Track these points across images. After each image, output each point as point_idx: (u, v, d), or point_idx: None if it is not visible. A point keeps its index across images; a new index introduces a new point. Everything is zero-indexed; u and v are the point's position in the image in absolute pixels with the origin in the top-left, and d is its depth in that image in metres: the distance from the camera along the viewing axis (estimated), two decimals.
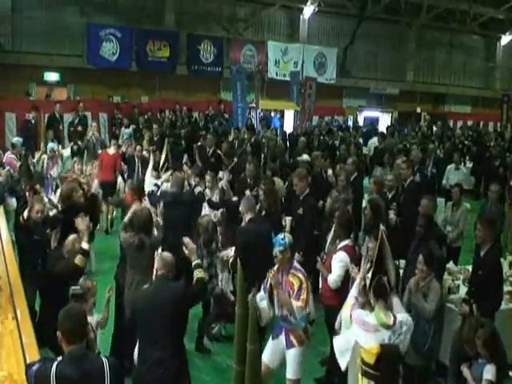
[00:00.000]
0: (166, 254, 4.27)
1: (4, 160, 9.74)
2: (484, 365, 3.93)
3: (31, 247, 5.70)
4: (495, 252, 5.28)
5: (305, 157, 10.59)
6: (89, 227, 5.12)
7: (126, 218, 5.75)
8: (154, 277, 4.35)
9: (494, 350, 3.90)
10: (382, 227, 4.35)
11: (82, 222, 5.04)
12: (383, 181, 7.79)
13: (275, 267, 4.64)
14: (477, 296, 4.98)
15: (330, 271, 5.16)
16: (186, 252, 4.38)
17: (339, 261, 5.09)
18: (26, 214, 5.74)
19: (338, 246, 5.28)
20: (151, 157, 8.64)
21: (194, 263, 4.26)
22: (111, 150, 10.57)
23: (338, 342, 4.14)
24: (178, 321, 3.99)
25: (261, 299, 4.57)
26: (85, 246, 4.84)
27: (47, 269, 4.95)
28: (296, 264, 4.65)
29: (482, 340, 3.90)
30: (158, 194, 7.05)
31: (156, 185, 7.23)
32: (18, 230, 6.08)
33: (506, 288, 5.59)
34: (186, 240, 4.47)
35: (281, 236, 4.64)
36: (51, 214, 6.39)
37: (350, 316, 3.95)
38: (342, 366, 4.06)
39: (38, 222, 5.70)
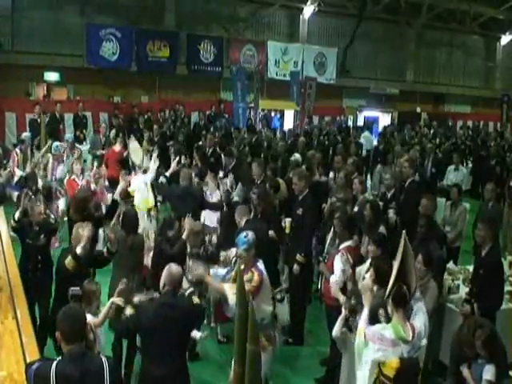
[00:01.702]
0: (175, 268, 4.13)
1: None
2: (483, 365, 3.93)
3: (23, 251, 5.61)
4: (496, 252, 5.29)
5: (297, 156, 10.63)
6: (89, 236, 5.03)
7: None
8: (161, 290, 4.14)
9: (493, 350, 3.90)
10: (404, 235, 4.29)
11: (86, 228, 5.00)
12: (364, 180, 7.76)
13: (241, 266, 4.54)
14: (478, 296, 4.99)
15: (331, 271, 5.16)
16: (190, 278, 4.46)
17: (341, 261, 5.11)
18: (17, 215, 5.55)
19: (340, 247, 5.29)
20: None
21: (187, 292, 4.35)
22: (117, 147, 10.66)
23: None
24: (183, 338, 3.99)
25: (215, 275, 4.66)
26: (78, 250, 4.78)
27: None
28: (259, 264, 4.58)
29: (481, 340, 3.90)
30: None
31: (165, 176, 7.60)
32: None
33: (506, 288, 5.60)
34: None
35: (243, 234, 4.57)
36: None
37: (364, 337, 3.79)
38: None
39: (32, 226, 5.55)
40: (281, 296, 4.89)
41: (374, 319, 3.87)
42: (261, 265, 4.59)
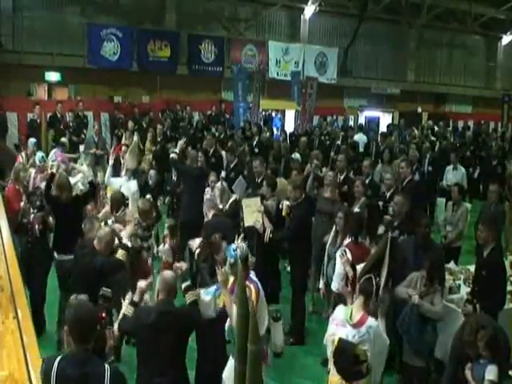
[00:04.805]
0: (168, 274, 4.06)
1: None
2: (485, 365, 3.92)
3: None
4: (498, 252, 5.30)
5: (297, 155, 10.67)
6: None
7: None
8: (156, 297, 4.11)
9: (496, 350, 3.89)
10: (389, 234, 4.35)
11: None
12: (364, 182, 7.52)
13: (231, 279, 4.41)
14: (480, 296, 5.00)
15: None
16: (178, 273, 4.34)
17: (341, 263, 5.20)
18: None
19: (343, 244, 5.36)
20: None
21: (183, 286, 4.17)
22: None
23: None
24: (181, 346, 3.96)
25: (206, 294, 4.43)
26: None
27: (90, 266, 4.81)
28: (252, 276, 4.41)
29: (484, 341, 3.87)
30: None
31: (175, 152, 7.88)
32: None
33: (508, 288, 5.59)
34: (177, 265, 4.48)
35: (233, 246, 4.39)
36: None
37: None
38: None
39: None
40: (276, 315, 4.57)
41: None
42: (254, 276, 4.42)
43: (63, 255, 5.96)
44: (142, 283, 4.18)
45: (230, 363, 4.19)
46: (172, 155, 7.85)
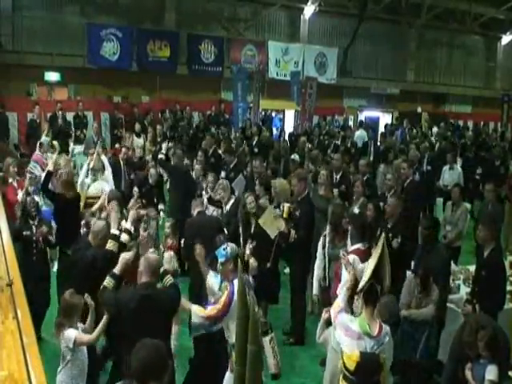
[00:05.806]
0: (152, 256, 4.09)
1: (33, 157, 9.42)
2: (485, 365, 3.92)
3: None
4: (498, 253, 5.30)
5: (296, 157, 10.69)
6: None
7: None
8: (138, 280, 4.07)
9: (496, 350, 3.89)
10: (383, 235, 4.30)
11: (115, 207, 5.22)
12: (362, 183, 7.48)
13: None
14: (480, 296, 5.00)
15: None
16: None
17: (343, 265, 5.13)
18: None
19: (350, 249, 5.28)
20: None
21: (161, 270, 4.17)
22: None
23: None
24: (165, 330, 3.96)
25: (215, 276, 4.57)
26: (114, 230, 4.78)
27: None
28: (235, 282, 4.20)
29: (484, 342, 3.87)
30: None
31: (162, 153, 8.38)
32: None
33: (507, 288, 5.59)
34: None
35: (223, 246, 4.43)
36: None
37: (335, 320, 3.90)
38: None
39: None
40: (263, 329, 4.21)
41: None
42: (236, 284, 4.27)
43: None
44: (126, 254, 4.21)
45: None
46: (160, 156, 8.35)
